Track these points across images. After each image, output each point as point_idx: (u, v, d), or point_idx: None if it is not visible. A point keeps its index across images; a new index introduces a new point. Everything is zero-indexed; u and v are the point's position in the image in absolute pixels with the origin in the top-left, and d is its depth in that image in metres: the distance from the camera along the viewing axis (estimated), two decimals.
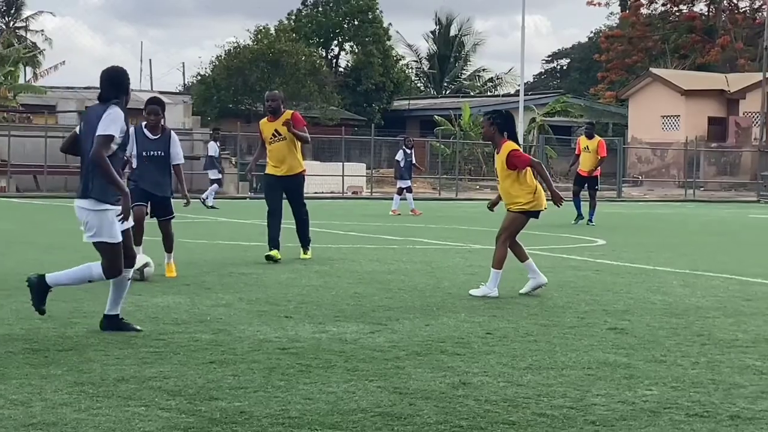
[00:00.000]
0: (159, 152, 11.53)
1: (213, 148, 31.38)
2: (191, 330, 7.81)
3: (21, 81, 54.81)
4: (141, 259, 10.41)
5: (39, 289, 7.68)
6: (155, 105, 11.63)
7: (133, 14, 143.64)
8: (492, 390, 6.03)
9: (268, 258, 13.15)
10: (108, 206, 7.69)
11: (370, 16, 68.85)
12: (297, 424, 5.19)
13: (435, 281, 11.40)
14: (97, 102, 7.88)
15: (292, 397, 5.72)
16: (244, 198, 42.01)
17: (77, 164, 34.75)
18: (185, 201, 11.96)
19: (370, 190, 46.47)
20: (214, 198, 29.90)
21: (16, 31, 62.79)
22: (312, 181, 33.38)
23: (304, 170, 13.99)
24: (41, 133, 44.34)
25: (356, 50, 69.44)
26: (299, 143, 13.54)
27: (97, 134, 7.59)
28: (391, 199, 29.79)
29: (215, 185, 30.62)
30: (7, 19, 63.26)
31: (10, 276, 11.01)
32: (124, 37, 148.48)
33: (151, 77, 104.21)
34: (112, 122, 7.57)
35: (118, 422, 5.07)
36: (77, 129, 8.15)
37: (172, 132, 11.74)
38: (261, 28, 64.06)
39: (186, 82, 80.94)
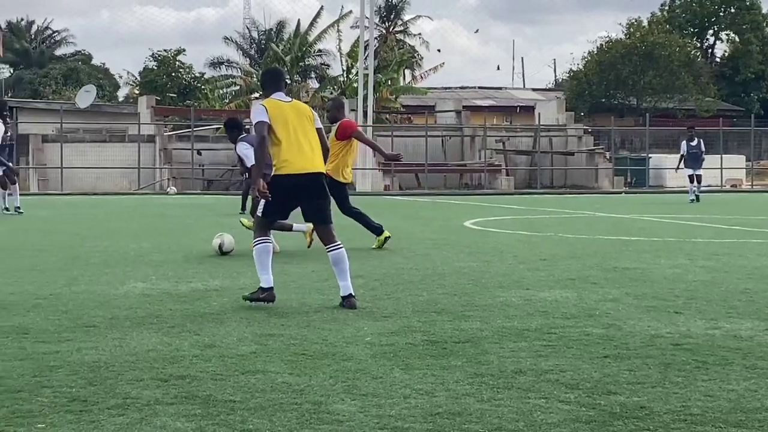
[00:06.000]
0: (239, 165, 13.95)
1: (684, 148, 31.69)
2: (581, 324, 7.81)
3: (401, 83, 56.93)
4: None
5: None
6: (224, 126, 14.29)
7: (507, 13, 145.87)
8: None
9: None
10: None
11: (747, 3, 66.24)
12: (699, 421, 5.07)
13: None
14: None
15: (691, 394, 5.59)
16: (620, 192, 41.60)
17: (456, 162, 35.89)
18: None
19: (750, 183, 44.72)
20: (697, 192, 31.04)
21: (396, 35, 65.30)
22: (680, 173, 32.94)
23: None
24: (421, 132, 45.91)
25: (733, 39, 66.97)
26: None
27: None
28: None
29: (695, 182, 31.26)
30: (387, 24, 65.88)
31: (404, 270, 11.47)
32: (498, 36, 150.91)
33: (523, 75, 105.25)
34: None
35: (520, 413, 5.15)
36: None
37: (238, 144, 13.72)
38: (633, 21, 63.23)
39: (557, 78, 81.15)
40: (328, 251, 8.88)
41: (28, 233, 15.10)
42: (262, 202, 8.79)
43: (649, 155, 46.51)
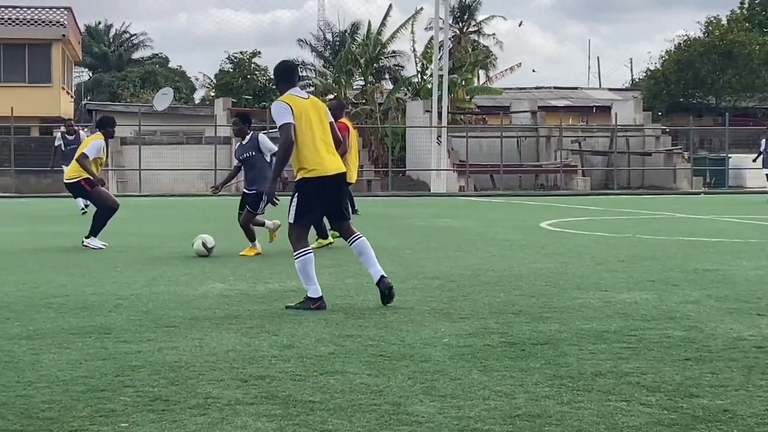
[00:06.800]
0: (249, 153, 13.96)
1: (763, 145, 31.42)
2: (662, 326, 7.72)
3: (475, 84, 56.76)
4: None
5: None
6: (234, 117, 14.60)
7: (583, 12, 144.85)
8: None
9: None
10: None
11: None
12: None
13: None
14: None
15: None
16: (699, 193, 41.10)
17: (531, 163, 35.75)
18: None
19: None
20: None
21: (470, 36, 65.16)
22: (759, 173, 32.69)
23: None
24: (496, 133, 45.72)
25: None
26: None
27: None
28: None
29: None
30: (460, 24, 65.75)
31: (481, 271, 11.44)
32: (573, 35, 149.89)
33: (599, 75, 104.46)
34: None
35: (601, 416, 5.10)
36: None
37: (258, 134, 14.12)
38: (712, 19, 62.40)
39: (633, 78, 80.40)
40: (351, 243, 8.93)
41: (107, 234, 15.29)
42: (293, 208, 8.75)
43: (729, 155, 45.88)
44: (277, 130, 8.83)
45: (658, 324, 7.83)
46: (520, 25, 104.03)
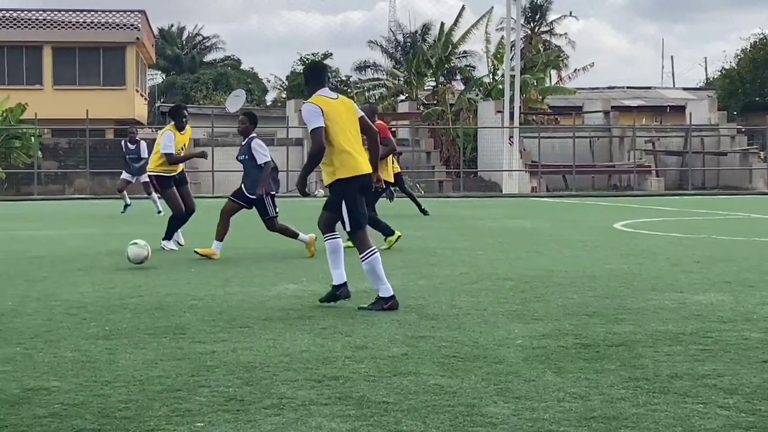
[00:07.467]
0: (243, 156, 14.10)
1: None
2: (738, 328, 7.62)
3: (547, 84, 56.45)
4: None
5: None
6: (242, 116, 14.24)
7: (656, 11, 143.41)
8: None
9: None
10: None
11: None
12: None
13: None
14: None
15: None
16: None
17: (604, 163, 35.49)
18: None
19: None
20: None
21: (541, 36, 64.82)
22: None
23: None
24: (569, 134, 45.45)
25: None
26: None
27: None
28: None
29: None
30: (532, 24, 65.44)
31: (554, 272, 11.36)
32: (646, 34, 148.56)
33: (672, 74, 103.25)
34: None
35: (678, 419, 5.04)
36: None
37: (253, 138, 14.00)
38: None
39: (708, 77, 79.43)
40: (328, 240, 9.09)
41: (182, 235, 15.45)
42: (346, 215, 8.76)
43: None
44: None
45: (735, 326, 7.72)
46: (570, 15, 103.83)
